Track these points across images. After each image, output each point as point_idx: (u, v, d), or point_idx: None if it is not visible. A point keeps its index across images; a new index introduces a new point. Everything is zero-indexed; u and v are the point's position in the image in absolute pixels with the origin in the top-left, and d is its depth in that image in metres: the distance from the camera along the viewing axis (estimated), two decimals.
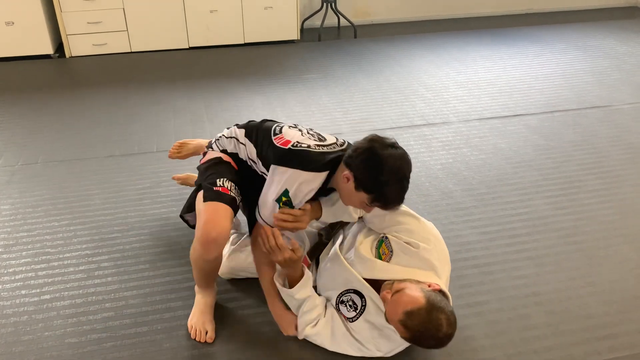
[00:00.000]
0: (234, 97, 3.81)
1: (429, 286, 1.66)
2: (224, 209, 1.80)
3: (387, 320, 1.65)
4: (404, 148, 1.75)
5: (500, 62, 4.44)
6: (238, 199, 1.87)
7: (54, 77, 4.17)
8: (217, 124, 3.42)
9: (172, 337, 1.90)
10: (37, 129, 3.36)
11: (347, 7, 5.41)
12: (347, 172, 1.70)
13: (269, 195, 1.83)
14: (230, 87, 3.97)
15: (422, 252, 1.76)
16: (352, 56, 4.61)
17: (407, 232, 1.82)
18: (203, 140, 2.51)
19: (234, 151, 2.02)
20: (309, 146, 1.80)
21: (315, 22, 5.27)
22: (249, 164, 1.98)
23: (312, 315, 1.84)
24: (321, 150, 1.80)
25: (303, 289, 1.84)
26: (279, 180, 1.79)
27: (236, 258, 2.09)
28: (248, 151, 1.96)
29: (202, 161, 2.06)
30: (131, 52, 4.63)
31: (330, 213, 1.92)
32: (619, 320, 1.98)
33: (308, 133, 1.90)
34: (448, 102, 3.73)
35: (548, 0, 5.87)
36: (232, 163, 2.00)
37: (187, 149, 2.48)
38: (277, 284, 1.88)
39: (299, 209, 1.82)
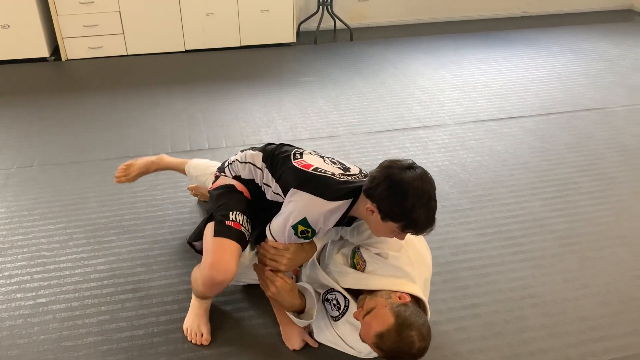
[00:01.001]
0: (231, 99, 3.81)
1: (400, 298, 1.66)
2: (232, 248, 1.75)
3: (362, 340, 1.65)
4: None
5: (496, 65, 4.46)
6: (248, 234, 1.82)
7: (50, 80, 4.17)
8: (213, 126, 3.42)
9: (168, 340, 1.89)
10: (33, 132, 3.36)
11: (343, 10, 5.42)
12: (369, 205, 1.61)
13: (286, 219, 1.73)
14: (227, 90, 3.98)
15: (392, 260, 1.77)
16: (348, 59, 4.62)
17: (380, 242, 1.81)
18: (148, 158, 2.45)
19: (249, 177, 1.94)
20: (333, 174, 1.73)
21: (312, 25, 5.28)
22: (263, 189, 1.92)
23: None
24: (344, 179, 1.72)
25: (313, 311, 1.86)
26: (297, 205, 1.70)
27: (240, 265, 2.06)
28: (264, 176, 1.89)
29: (214, 186, 2.00)
30: (127, 55, 4.63)
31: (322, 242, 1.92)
32: (614, 322, 1.99)
33: (330, 161, 1.84)
34: (444, 105, 3.74)
35: (543, 3, 5.90)
36: (246, 192, 1.92)
37: (133, 170, 2.41)
38: (291, 316, 1.85)
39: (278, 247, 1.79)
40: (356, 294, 1.82)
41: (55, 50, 4.61)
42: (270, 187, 1.88)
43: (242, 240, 1.78)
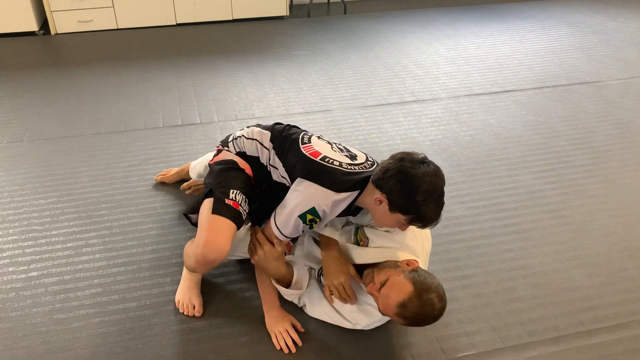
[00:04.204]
0: (222, 74, 3.77)
1: (408, 265, 1.67)
2: (228, 228, 1.73)
3: (382, 313, 1.66)
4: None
5: (490, 39, 4.42)
6: (245, 214, 1.81)
7: (39, 55, 4.11)
8: (205, 101, 3.39)
9: (160, 313, 1.90)
10: (23, 107, 3.32)
11: None
12: (379, 195, 1.62)
13: (292, 210, 1.70)
14: (219, 64, 3.93)
15: (395, 235, 1.78)
16: (342, 32, 4.57)
17: None
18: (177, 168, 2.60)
19: (255, 154, 1.91)
20: (340, 164, 1.72)
21: None
22: (268, 169, 1.90)
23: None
24: (352, 169, 1.72)
25: (303, 282, 1.86)
26: (305, 195, 1.69)
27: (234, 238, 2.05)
28: (271, 157, 1.88)
29: (215, 159, 1.98)
30: (117, 29, 4.56)
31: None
32: (602, 293, 2.01)
33: (338, 148, 1.82)
34: (438, 79, 3.71)
35: None
36: (248, 169, 1.90)
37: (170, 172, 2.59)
38: (278, 287, 1.85)
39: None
40: (359, 271, 1.82)
41: (44, 24, 4.53)
42: (277, 169, 1.86)
43: (239, 221, 1.78)
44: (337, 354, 1.77)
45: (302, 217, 1.70)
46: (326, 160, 1.74)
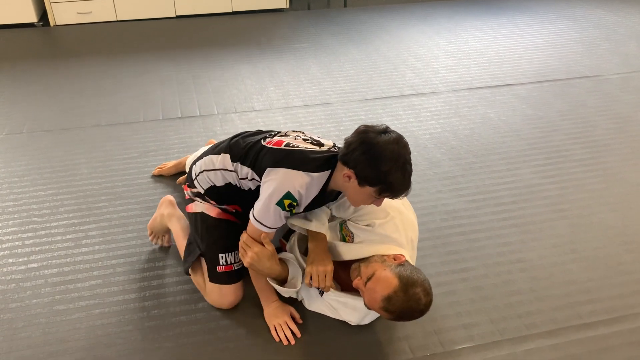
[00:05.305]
0: (222, 66, 3.76)
1: (395, 259, 1.67)
2: (230, 290, 1.87)
3: (367, 307, 1.67)
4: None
5: (491, 32, 4.41)
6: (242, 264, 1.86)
7: (39, 47, 4.10)
8: (204, 93, 3.38)
9: (160, 304, 1.91)
10: (22, 99, 3.31)
11: None
12: (346, 171, 1.61)
13: (268, 199, 1.67)
14: (218, 56, 3.92)
15: (378, 228, 1.78)
16: (342, 25, 4.56)
17: (366, 214, 1.81)
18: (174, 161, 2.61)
19: (223, 183, 1.88)
20: (306, 148, 1.72)
21: None
22: (239, 186, 1.86)
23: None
24: (317, 150, 1.72)
25: (297, 280, 1.85)
26: (277, 181, 1.66)
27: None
28: (239, 172, 1.83)
29: (189, 210, 1.99)
30: (117, 21, 4.54)
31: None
32: (600, 286, 2.02)
33: (303, 139, 1.81)
34: (438, 72, 3.71)
35: None
36: (224, 215, 1.92)
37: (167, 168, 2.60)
38: (274, 285, 1.83)
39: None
40: (345, 266, 1.82)
41: (43, 15, 4.51)
42: (247, 177, 1.82)
43: (238, 275, 1.88)
44: (335, 345, 1.78)
45: (280, 204, 1.67)
46: (291, 145, 1.73)
